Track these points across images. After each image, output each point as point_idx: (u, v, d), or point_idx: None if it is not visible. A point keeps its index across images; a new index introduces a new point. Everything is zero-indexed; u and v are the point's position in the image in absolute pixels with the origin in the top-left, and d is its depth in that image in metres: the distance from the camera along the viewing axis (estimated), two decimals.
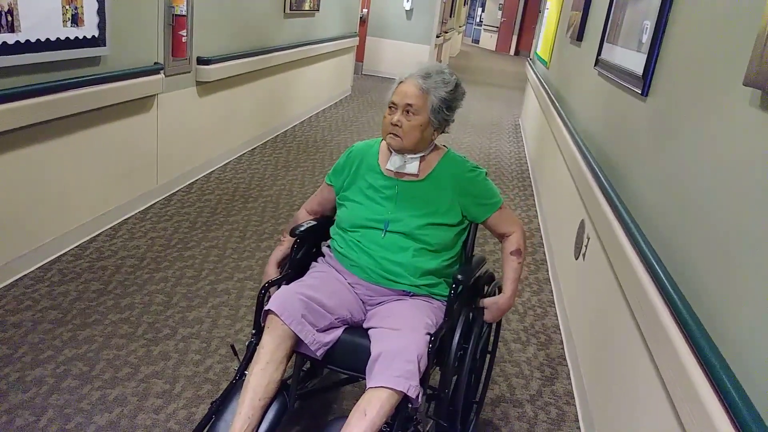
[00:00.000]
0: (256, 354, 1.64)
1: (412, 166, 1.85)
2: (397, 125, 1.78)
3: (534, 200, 4.98)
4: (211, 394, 2.16)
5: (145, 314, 2.59)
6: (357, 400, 1.55)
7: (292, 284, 1.76)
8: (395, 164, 1.85)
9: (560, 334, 2.91)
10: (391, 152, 1.87)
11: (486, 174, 1.92)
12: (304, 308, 1.65)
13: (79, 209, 3.10)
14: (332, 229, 1.95)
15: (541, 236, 4.20)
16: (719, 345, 1.26)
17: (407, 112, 1.78)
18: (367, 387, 1.55)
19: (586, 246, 2.68)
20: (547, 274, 3.60)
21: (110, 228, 3.33)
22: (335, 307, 1.72)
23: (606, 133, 2.83)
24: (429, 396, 1.78)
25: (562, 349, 2.78)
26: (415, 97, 1.77)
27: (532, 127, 6.49)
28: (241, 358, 1.77)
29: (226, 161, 4.80)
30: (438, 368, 1.78)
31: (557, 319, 3.04)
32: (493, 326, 2.11)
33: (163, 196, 3.87)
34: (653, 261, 1.68)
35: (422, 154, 1.87)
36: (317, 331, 1.66)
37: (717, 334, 1.30)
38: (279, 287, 1.79)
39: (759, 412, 1.07)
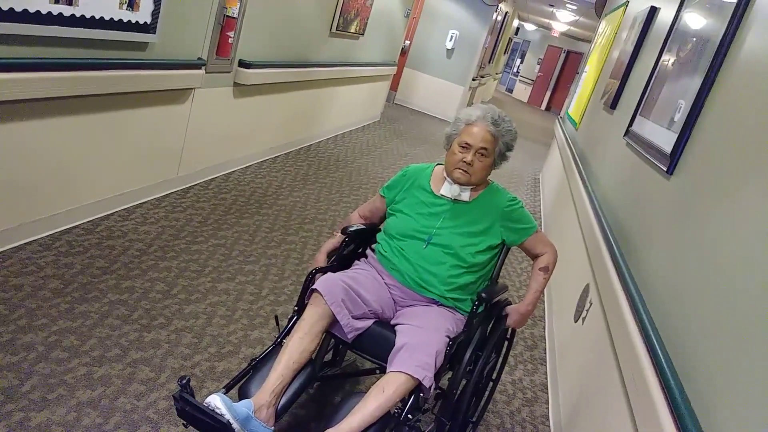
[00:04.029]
0: (296, 325, 1.86)
1: (465, 195, 2.10)
2: (470, 164, 2.03)
3: None
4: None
5: (143, 299, 2.61)
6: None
7: (338, 273, 1.99)
8: (454, 192, 2.08)
9: (547, 393, 2.89)
10: (444, 179, 2.10)
11: (522, 204, 2.16)
12: (344, 294, 1.87)
13: (98, 185, 3.14)
14: (379, 235, 2.18)
15: (542, 293, 4.19)
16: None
17: (481, 154, 2.04)
18: (388, 371, 1.75)
19: (587, 311, 2.67)
20: (543, 331, 3.59)
21: (124, 209, 3.37)
22: (370, 301, 1.94)
23: (625, 204, 2.85)
24: (437, 395, 1.98)
25: (547, 408, 2.76)
26: (489, 142, 2.04)
27: (551, 184, 6.52)
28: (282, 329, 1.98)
29: (248, 164, 4.85)
30: (450, 372, 1.96)
31: (546, 378, 3.03)
32: (501, 353, 2.34)
33: (181, 188, 3.92)
34: (653, 338, 1.68)
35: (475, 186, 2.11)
36: (352, 317, 1.88)
37: (706, 418, 1.30)
38: (325, 274, 2.00)
39: None
